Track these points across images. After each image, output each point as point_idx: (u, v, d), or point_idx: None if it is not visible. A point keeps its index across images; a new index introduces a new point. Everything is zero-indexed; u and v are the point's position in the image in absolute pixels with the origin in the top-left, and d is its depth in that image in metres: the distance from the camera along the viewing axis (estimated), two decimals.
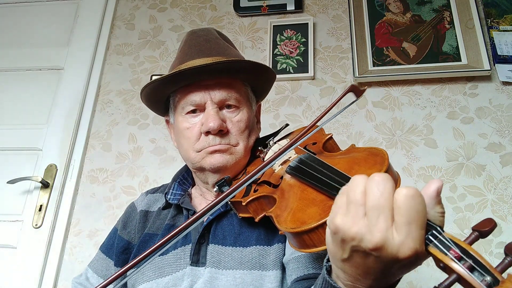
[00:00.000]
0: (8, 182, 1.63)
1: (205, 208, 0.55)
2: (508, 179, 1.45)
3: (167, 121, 0.99)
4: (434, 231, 0.41)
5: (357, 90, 0.71)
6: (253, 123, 0.92)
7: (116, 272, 0.53)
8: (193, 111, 0.87)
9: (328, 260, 0.52)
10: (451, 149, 1.53)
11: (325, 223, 0.52)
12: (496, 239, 1.38)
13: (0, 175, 1.72)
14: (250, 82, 0.93)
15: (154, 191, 1.05)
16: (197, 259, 0.82)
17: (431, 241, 0.41)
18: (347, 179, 0.55)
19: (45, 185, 1.67)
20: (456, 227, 1.41)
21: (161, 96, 0.93)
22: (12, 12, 2.12)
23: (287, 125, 0.98)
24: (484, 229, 0.40)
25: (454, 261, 0.38)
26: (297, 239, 0.56)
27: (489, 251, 1.37)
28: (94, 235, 1.61)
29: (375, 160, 0.59)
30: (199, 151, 0.86)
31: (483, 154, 1.50)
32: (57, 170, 1.72)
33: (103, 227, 1.62)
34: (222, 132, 0.85)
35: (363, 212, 0.43)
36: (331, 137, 0.79)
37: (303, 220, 0.56)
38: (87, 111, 1.84)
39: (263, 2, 1.91)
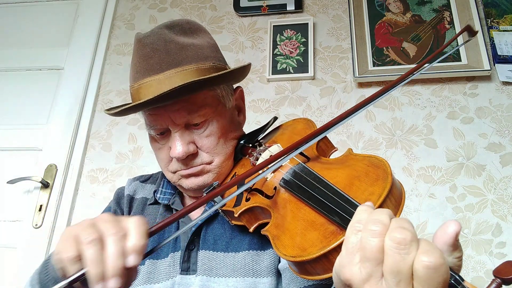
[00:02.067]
0: (8, 182, 1.63)
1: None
2: (508, 179, 1.45)
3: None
4: (452, 281, 0.38)
5: (471, 30, 0.65)
6: (229, 124, 0.83)
7: None
8: (161, 133, 0.81)
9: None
10: (451, 149, 1.53)
11: (328, 252, 0.49)
12: (496, 239, 1.38)
13: (0, 175, 1.72)
14: (217, 84, 0.81)
15: (144, 180, 0.99)
16: (187, 267, 0.77)
17: None
18: (349, 203, 0.52)
19: (45, 185, 1.67)
20: None
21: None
22: (12, 12, 2.12)
23: (275, 118, 0.91)
24: (508, 276, 0.37)
25: None
26: (298, 267, 0.53)
27: (489, 251, 1.37)
28: None
29: (377, 174, 0.55)
30: (174, 172, 0.82)
31: (483, 154, 1.50)
32: (57, 170, 1.72)
33: None
34: (192, 155, 0.78)
35: (380, 273, 0.39)
36: (324, 136, 0.72)
37: (303, 247, 0.52)
38: (87, 111, 1.84)
39: (263, 2, 1.91)
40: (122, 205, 0.94)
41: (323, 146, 0.74)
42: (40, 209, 1.65)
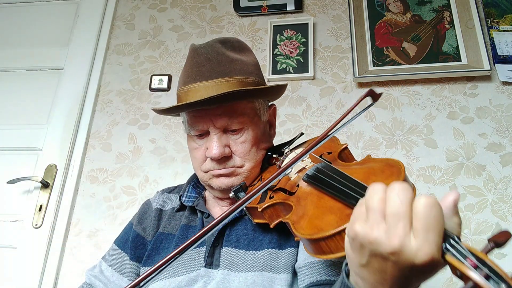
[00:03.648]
0: (8, 182, 1.63)
1: (222, 216, 0.57)
2: (508, 179, 1.45)
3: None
4: (451, 240, 0.42)
5: (374, 95, 0.71)
6: (261, 137, 0.92)
7: (143, 274, 0.55)
8: (200, 135, 0.89)
9: (347, 265, 0.53)
10: (451, 149, 1.53)
11: (342, 230, 0.53)
12: None
13: (0, 175, 1.72)
14: (256, 98, 0.92)
15: (170, 190, 1.07)
16: (211, 261, 0.84)
17: (448, 250, 0.42)
18: (364, 188, 0.56)
19: (45, 185, 1.67)
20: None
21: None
22: (12, 12, 2.11)
23: (302, 134, 0.99)
24: (500, 240, 0.42)
25: (471, 269, 0.39)
26: (314, 245, 0.57)
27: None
28: (94, 235, 1.61)
29: (391, 171, 0.60)
30: (206, 172, 0.89)
31: (483, 154, 1.50)
32: (57, 170, 1.72)
33: (103, 227, 1.62)
34: (226, 157, 0.86)
35: (382, 218, 0.44)
36: (346, 147, 0.80)
37: (320, 227, 0.57)
38: (87, 111, 1.84)
39: (263, 2, 1.91)
40: (146, 220, 1.00)
41: (344, 157, 0.80)
42: (40, 209, 1.65)
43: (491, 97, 1.58)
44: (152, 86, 1.84)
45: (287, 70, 1.76)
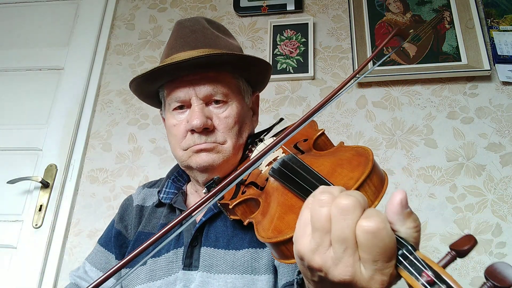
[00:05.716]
0: (8, 182, 1.63)
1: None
2: (508, 179, 1.45)
3: (162, 116, 0.96)
4: (404, 251, 0.38)
5: (404, 33, 0.62)
6: (244, 118, 0.87)
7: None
8: (180, 107, 0.84)
9: (300, 273, 0.50)
10: (451, 149, 1.53)
11: None
12: (496, 239, 1.38)
13: (0, 175, 1.72)
14: (240, 74, 0.88)
15: (151, 185, 1.02)
16: (189, 263, 0.79)
17: (401, 263, 0.37)
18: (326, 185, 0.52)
19: (45, 185, 1.67)
20: (456, 227, 1.41)
21: (149, 91, 0.90)
22: (12, 12, 2.12)
23: (281, 119, 0.93)
24: (463, 248, 0.37)
25: (426, 286, 0.35)
26: (275, 249, 0.53)
27: (489, 251, 1.37)
28: (94, 235, 1.61)
29: (359, 161, 0.55)
30: (185, 149, 0.83)
31: (483, 154, 1.50)
32: (57, 170, 1.72)
33: (103, 227, 1.60)
34: (207, 130, 0.81)
35: (328, 242, 0.39)
36: (323, 133, 0.72)
37: (280, 229, 0.53)
38: (87, 111, 1.84)
39: (263, 2, 1.91)
40: (127, 218, 0.96)
41: (321, 144, 0.73)
42: (40, 209, 1.65)
43: (491, 97, 1.58)
44: None
45: (287, 70, 1.76)
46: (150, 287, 0.80)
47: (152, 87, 0.88)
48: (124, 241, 0.93)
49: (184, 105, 0.83)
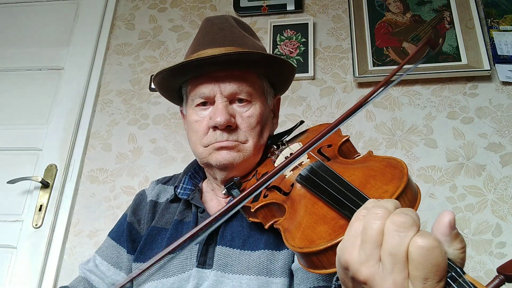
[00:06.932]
0: (8, 182, 1.63)
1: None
2: (508, 179, 1.45)
3: (182, 112, 0.94)
4: (453, 273, 0.37)
5: (433, 43, 0.62)
6: (266, 119, 0.87)
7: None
8: (203, 104, 0.83)
9: (338, 279, 0.49)
10: (451, 149, 1.53)
11: (335, 245, 0.48)
12: (496, 239, 1.38)
13: (0, 175, 1.72)
14: (264, 74, 0.88)
15: (166, 181, 1.01)
16: (203, 261, 0.78)
17: (449, 285, 0.37)
18: (362, 198, 0.51)
19: (45, 185, 1.67)
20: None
21: (173, 86, 0.89)
22: (12, 12, 2.12)
23: (302, 122, 0.94)
24: (511, 272, 0.36)
25: None
26: (305, 259, 0.53)
27: (489, 251, 1.37)
28: (94, 235, 1.61)
29: (393, 174, 0.54)
30: (206, 146, 0.83)
31: (483, 154, 1.50)
32: (57, 170, 1.72)
33: (103, 227, 1.62)
34: (230, 127, 0.80)
35: (378, 256, 0.39)
36: (347, 140, 0.73)
37: (311, 239, 0.52)
38: (87, 111, 1.84)
39: (263, 2, 1.91)
40: (140, 212, 0.95)
41: (345, 150, 0.73)
42: (40, 209, 1.65)
43: (491, 97, 1.58)
44: (152, 86, 1.84)
45: None
46: (163, 283, 0.79)
47: (176, 81, 0.88)
48: (137, 235, 0.92)
49: (208, 102, 0.83)
